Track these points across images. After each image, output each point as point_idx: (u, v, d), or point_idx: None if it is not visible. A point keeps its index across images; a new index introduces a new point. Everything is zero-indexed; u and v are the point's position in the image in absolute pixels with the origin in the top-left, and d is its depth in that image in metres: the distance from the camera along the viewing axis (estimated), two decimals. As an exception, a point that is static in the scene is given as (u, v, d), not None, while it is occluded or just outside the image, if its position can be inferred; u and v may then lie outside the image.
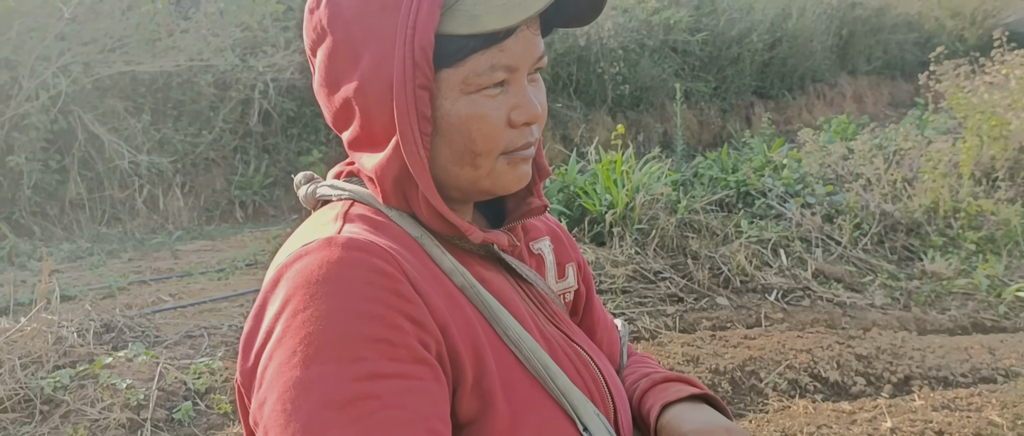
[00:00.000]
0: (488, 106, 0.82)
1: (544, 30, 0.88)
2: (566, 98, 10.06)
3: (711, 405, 0.98)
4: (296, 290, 0.73)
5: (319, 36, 0.84)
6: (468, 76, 0.80)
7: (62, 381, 3.37)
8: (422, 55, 0.77)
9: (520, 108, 0.83)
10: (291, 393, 0.69)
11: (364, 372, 0.70)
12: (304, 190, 0.94)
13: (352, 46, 0.81)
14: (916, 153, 6.34)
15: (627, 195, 5.28)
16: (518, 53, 0.82)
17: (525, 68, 0.83)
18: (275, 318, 0.73)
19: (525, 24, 0.81)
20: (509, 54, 0.81)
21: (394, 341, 0.72)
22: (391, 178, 0.83)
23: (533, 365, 0.82)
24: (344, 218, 0.83)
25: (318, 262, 0.74)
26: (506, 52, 0.81)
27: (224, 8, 7.89)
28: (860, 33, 14.04)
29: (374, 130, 0.83)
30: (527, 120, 0.84)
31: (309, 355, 0.70)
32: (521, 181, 0.87)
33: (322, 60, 0.84)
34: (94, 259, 5.86)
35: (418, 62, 0.78)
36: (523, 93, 0.84)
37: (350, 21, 0.81)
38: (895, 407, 3.30)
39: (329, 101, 0.86)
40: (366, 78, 0.81)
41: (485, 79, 0.81)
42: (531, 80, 0.86)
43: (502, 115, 0.83)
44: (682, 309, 4.56)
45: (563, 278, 1.03)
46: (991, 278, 4.93)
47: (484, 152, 0.83)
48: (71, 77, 6.58)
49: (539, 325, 0.89)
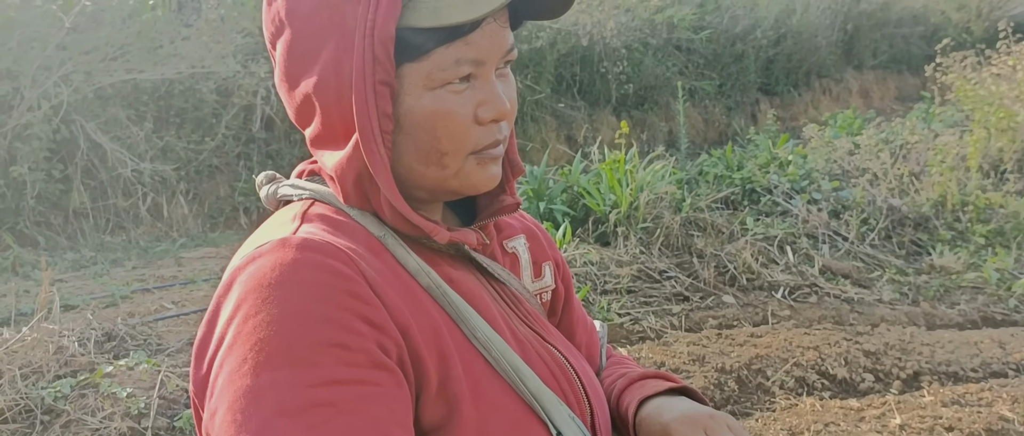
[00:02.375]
0: (454, 102, 0.78)
1: (513, 23, 0.84)
2: (570, 98, 10.02)
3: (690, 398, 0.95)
4: (248, 294, 0.70)
5: (277, 29, 0.81)
6: (432, 71, 0.77)
7: (63, 391, 3.36)
8: (383, 49, 0.74)
9: (487, 104, 0.79)
10: (242, 402, 0.66)
11: (318, 378, 0.66)
12: (265, 190, 0.90)
13: (311, 40, 0.78)
14: (923, 147, 6.28)
15: (631, 194, 5.25)
16: (485, 47, 0.78)
17: (493, 62, 0.79)
18: (227, 324, 0.70)
19: (491, 17, 0.78)
20: (475, 48, 0.77)
21: (350, 345, 0.68)
22: (352, 178, 0.79)
23: (503, 367, 0.79)
24: (302, 218, 0.80)
25: (271, 265, 0.71)
26: (472, 46, 0.77)
27: (225, 15, 7.89)
28: (865, 28, 13.94)
29: (335, 127, 0.79)
30: (495, 116, 0.80)
31: (260, 362, 0.67)
32: (491, 182, 0.84)
33: (281, 54, 0.81)
34: (98, 268, 5.85)
35: (378, 57, 0.74)
36: (490, 88, 0.80)
37: (309, 14, 0.77)
38: (904, 403, 3.26)
39: (290, 97, 0.82)
40: (325, 73, 0.77)
41: (450, 74, 0.77)
42: (500, 75, 0.82)
43: (469, 112, 0.79)
44: (688, 308, 4.52)
45: (540, 277, 0.99)
46: (1001, 271, 4.87)
47: (451, 151, 0.79)
48: (73, 86, 6.58)
49: (511, 326, 0.85)
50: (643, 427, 0.90)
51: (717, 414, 0.87)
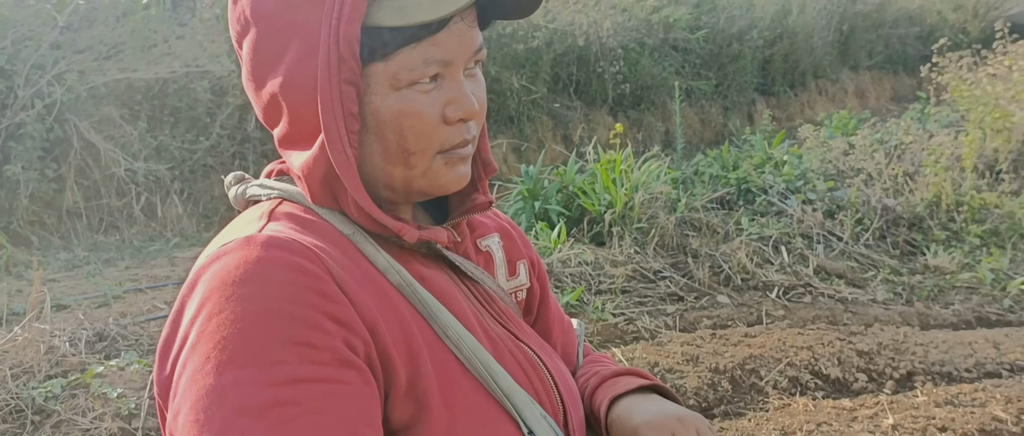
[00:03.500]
0: (421, 102, 0.77)
1: (482, 22, 0.83)
2: (566, 98, 10.01)
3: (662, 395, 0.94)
4: (212, 292, 0.69)
5: (243, 27, 0.80)
6: (398, 71, 0.76)
7: (53, 391, 3.34)
8: (348, 48, 0.73)
9: (455, 103, 0.79)
10: (204, 402, 0.65)
11: (282, 377, 0.65)
12: (234, 191, 0.89)
13: (276, 39, 0.77)
14: (917, 147, 6.27)
15: (626, 194, 5.24)
16: (452, 47, 0.77)
17: (461, 62, 0.79)
18: (190, 323, 0.70)
19: (458, 16, 0.76)
20: (442, 48, 0.76)
21: (316, 344, 0.67)
22: (319, 177, 0.78)
23: (474, 366, 0.78)
24: (269, 217, 0.79)
25: (235, 262, 0.70)
26: (439, 46, 0.76)
27: (220, 13, 7.86)
28: (861, 28, 13.96)
29: (301, 127, 0.78)
30: (462, 116, 0.79)
31: (223, 360, 0.66)
32: (459, 182, 0.83)
33: (247, 53, 0.80)
34: (91, 268, 5.83)
35: (343, 56, 0.73)
36: (458, 88, 0.79)
37: (273, 12, 0.76)
38: (897, 403, 3.25)
39: (256, 96, 0.81)
40: (291, 73, 0.76)
41: (417, 74, 0.76)
42: (468, 74, 0.81)
43: (436, 111, 0.78)
44: (682, 308, 4.52)
45: (514, 276, 0.98)
46: (995, 272, 4.87)
47: (418, 151, 0.78)
48: (66, 85, 6.56)
49: (483, 324, 0.84)
50: (614, 428, 0.90)
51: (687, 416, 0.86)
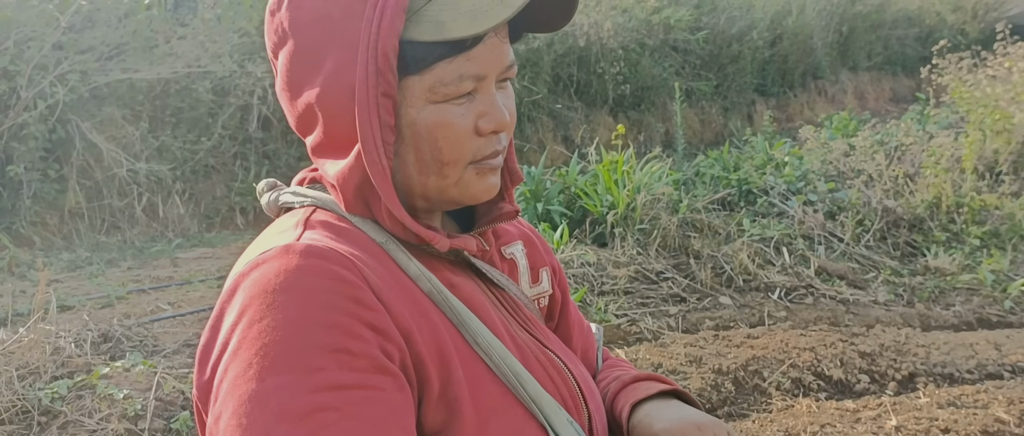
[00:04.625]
0: (455, 114, 0.79)
1: (512, 36, 0.85)
2: (567, 99, 10.03)
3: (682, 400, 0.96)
4: (252, 300, 0.71)
5: (280, 39, 0.82)
6: (434, 85, 0.78)
7: (60, 392, 3.35)
8: (385, 62, 0.75)
9: (488, 116, 0.81)
10: (246, 406, 0.66)
11: (322, 383, 0.67)
12: (266, 198, 0.91)
13: (314, 51, 0.79)
14: (917, 148, 6.29)
15: (628, 195, 5.25)
16: (486, 61, 0.79)
17: (493, 76, 0.81)
18: (231, 329, 0.71)
19: (493, 31, 0.79)
20: (477, 62, 0.78)
21: (354, 350, 0.69)
22: (353, 186, 0.80)
23: (503, 372, 0.80)
24: (305, 225, 0.81)
25: (275, 270, 0.72)
26: (474, 61, 0.78)
27: (222, 14, 7.88)
28: (860, 29, 13.99)
29: (337, 137, 0.80)
30: (495, 128, 0.81)
31: (265, 367, 0.67)
32: (490, 192, 0.85)
33: (284, 64, 0.82)
34: (93, 268, 5.84)
35: (381, 69, 0.75)
36: (491, 100, 0.81)
37: (312, 24, 0.78)
38: (900, 405, 3.26)
39: (291, 106, 0.83)
40: (328, 84, 0.78)
41: (452, 89, 0.78)
42: (499, 87, 0.83)
43: (469, 123, 0.80)
44: (685, 309, 4.53)
45: (537, 283, 1.01)
46: (996, 273, 4.89)
47: (451, 161, 0.80)
48: (68, 86, 6.57)
49: (511, 331, 0.86)
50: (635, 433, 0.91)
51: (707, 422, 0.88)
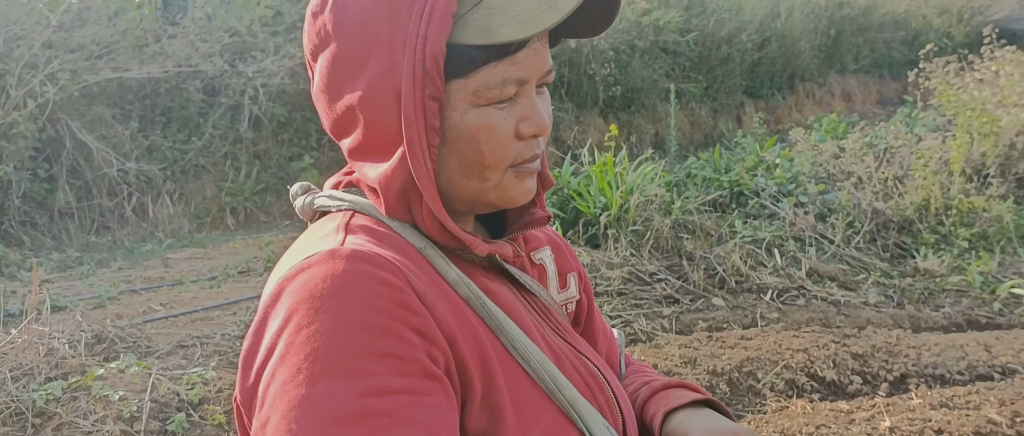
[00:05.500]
0: (497, 118, 0.80)
1: (552, 40, 0.86)
2: (558, 100, 10.04)
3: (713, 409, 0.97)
4: (299, 305, 0.71)
5: (322, 41, 0.82)
6: (479, 88, 0.79)
7: (54, 393, 3.33)
8: (433, 65, 0.75)
9: (529, 120, 0.82)
10: (296, 412, 0.67)
11: (373, 388, 0.68)
12: (301, 201, 0.91)
13: (358, 53, 0.79)
14: (906, 151, 6.35)
15: (621, 197, 5.28)
16: (529, 65, 0.80)
17: (534, 80, 0.82)
18: (277, 334, 0.71)
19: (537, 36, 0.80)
20: (521, 67, 0.79)
21: (403, 355, 0.70)
22: (395, 189, 0.81)
23: (541, 377, 0.81)
24: (346, 229, 0.81)
25: (322, 275, 0.72)
26: (518, 65, 0.79)
27: (212, 13, 7.84)
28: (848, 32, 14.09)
29: (378, 140, 0.80)
30: (535, 132, 0.83)
31: (315, 372, 0.68)
32: (527, 195, 0.86)
33: (324, 66, 0.82)
34: (84, 268, 5.81)
35: (429, 72, 0.76)
36: (532, 105, 0.82)
37: (357, 27, 0.79)
38: (893, 406, 3.30)
39: (329, 108, 0.83)
40: (372, 86, 0.78)
41: (496, 93, 0.79)
42: (538, 92, 0.84)
43: (511, 127, 0.81)
44: (678, 310, 4.55)
45: (565, 288, 1.02)
46: (984, 275, 4.94)
47: (492, 164, 0.81)
48: (58, 85, 6.53)
49: (545, 337, 0.87)
50: None
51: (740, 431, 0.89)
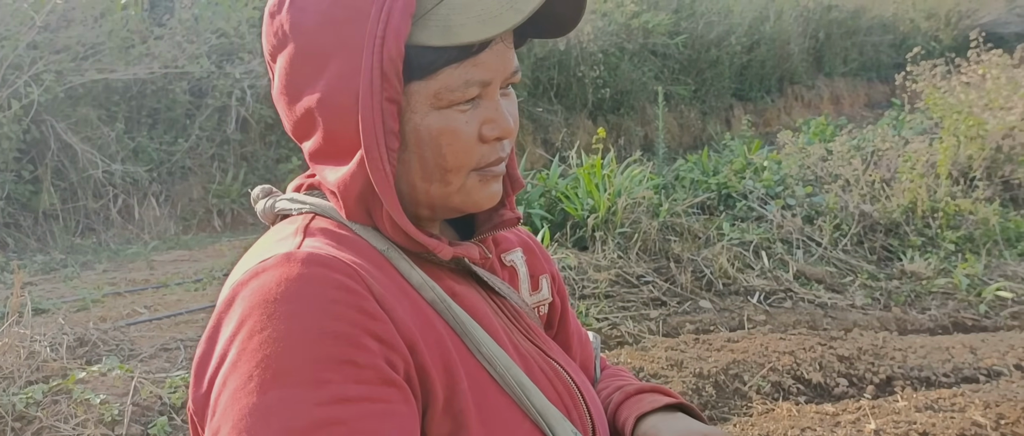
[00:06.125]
0: (459, 121, 0.78)
1: (517, 41, 0.84)
2: (547, 102, 10.04)
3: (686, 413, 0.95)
4: (252, 310, 0.69)
5: (280, 42, 0.80)
6: (440, 91, 0.76)
7: (35, 397, 3.29)
8: (391, 66, 0.73)
9: (492, 122, 0.80)
10: (247, 421, 0.64)
11: (328, 396, 0.65)
12: (262, 204, 0.89)
13: (316, 55, 0.77)
14: (893, 154, 6.37)
15: (609, 199, 5.27)
16: (492, 67, 0.78)
17: (498, 82, 0.80)
18: (230, 340, 0.69)
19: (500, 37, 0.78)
20: (483, 68, 0.77)
21: (360, 362, 0.67)
22: (355, 194, 0.79)
23: (508, 383, 0.79)
24: (304, 232, 0.79)
25: (276, 279, 0.70)
26: (480, 66, 0.77)
27: (199, 14, 7.80)
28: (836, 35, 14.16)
29: (338, 143, 0.78)
30: (499, 135, 0.81)
31: (267, 379, 0.65)
32: (492, 199, 0.84)
33: (282, 67, 0.80)
34: (68, 271, 5.76)
35: (387, 73, 0.73)
36: (496, 107, 0.80)
37: (314, 28, 0.77)
38: (878, 408, 3.29)
39: (289, 110, 0.81)
40: (330, 89, 0.76)
41: (458, 95, 0.77)
42: (503, 93, 0.82)
43: (474, 130, 0.79)
44: (665, 313, 4.55)
45: (537, 290, 0.99)
46: (971, 277, 4.95)
47: (455, 168, 0.79)
48: (43, 86, 6.48)
49: (514, 340, 0.85)
50: None
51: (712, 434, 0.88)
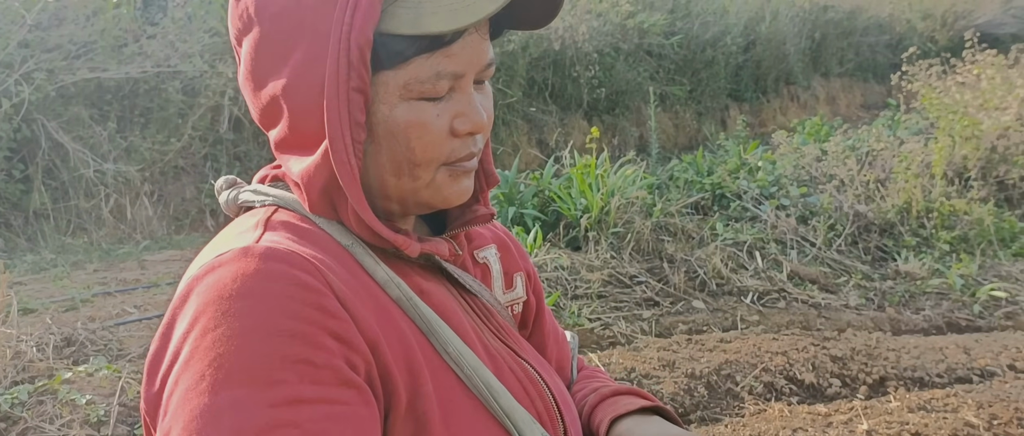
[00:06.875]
0: (430, 113, 0.75)
1: (493, 32, 0.81)
2: (541, 102, 10.02)
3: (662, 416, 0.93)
4: (206, 306, 0.66)
5: (245, 25, 0.76)
6: (409, 82, 0.73)
7: (20, 397, 3.27)
8: (358, 55, 0.70)
9: (464, 116, 0.77)
10: (198, 423, 0.62)
11: (282, 397, 0.63)
12: (225, 195, 0.86)
13: (281, 40, 0.74)
14: (888, 154, 6.35)
15: (602, 199, 5.25)
16: (465, 59, 0.75)
17: (471, 74, 0.77)
18: (182, 338, 0.66)
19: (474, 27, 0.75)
20: (455, 60, 0.74)
21: (316, 362, 0.65)
22: (319, 186, 0.76)
23: (475, 384, 0.76)
24: (265, 225, 0.76)
25: (232, 275, 0.67)
26: (452, 58, 0.74)
27: (192, 13, 7.77)
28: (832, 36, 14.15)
29: (303, 133, 0.75)
30: (471, 129, 0.77)
31: (219, 379, 0.63)
32: (463, 195, 0.81)
33: (248, 52, 0.77)
34: (58, 270, 5.72)
35: (354, 62, 0.70)
36: (468, 100, 0.77)
37: (280, 12, 0.74)
38: (871, 409, 3.28)
39: (254, 97, 0.78)
40: (296, 76, 0.73)
41: (428, 87, 0.74)
42: (477, 86, 0.79)
43: (445, 123, 0.76)
44: (658, 313, 4.53)
45: (511, 288, 0.96)
46: (965, 278, 4.94)
47: (424, 162, 0.76)
48: (34, 84, 6.44)
49: (483, 340, 0.82)
50: None
51: None
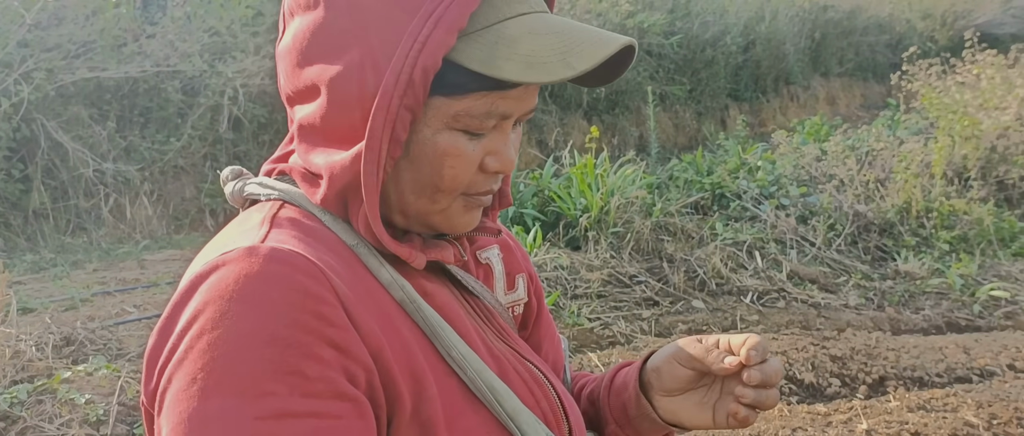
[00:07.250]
0: (467, 145, 0.75)
1: None
2: (542, 102, 10.02)
3: None
4: (206, 306, 0.65)
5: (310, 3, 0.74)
6: (461, 113, 0.73)
7: (19, 397, 3.27)
8: (421, 76, 0.69)
9: (497, 155, 0.78)
10: (185, 427, 0.61)
11: (268, 410, 0.62)
12: (231, 187, 0.85)
13: (344, 30, 0.72)
14: (888, 154, 6.35)
15: (602, 199, 5.25)
16: (517, 104, 0.76)
17: (516, 116, 0.78)
18: (180, 335, 0.65)
19: None
20: (508, 102, 0.75)
21: (309, 374, 0.64)
22: (340, 185, 0.75)
23: (479, 387, 0.75)
24: (271, 222, 0.75)
25: (234, 275, 0.66)
26: (506, 100, 0.74)
27: (192, 13, 7.76)
28: (832, 35, 14.13)
29: (336, 127, 0.74)
30: (499, 169, 0.78)
31: (209, 385, 0.62)
32: (470, 225, 0.82)
33: (302, 28, 0.75)
34: (58, 270, 5.72)
35: (415, 81, 0.69)
36: (504, 141, 0.78)
37: (352, 5, 0.72)
38: (870, 408, 3.28)
39: (293, 71, 0.76)
40: (348, 71, 0.71)
41: (476, 123, 0.74)
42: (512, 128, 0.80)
43: (477, 157, 0.77)
44: (658, 313, 4.53)
45: (512, 290, 0.96)
46: (965, 277, 4.94)
47: (448, 190, 0.77)
48: (34, 84, 6.43)
49: (487, 342, 0.82)
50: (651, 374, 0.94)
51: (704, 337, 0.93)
